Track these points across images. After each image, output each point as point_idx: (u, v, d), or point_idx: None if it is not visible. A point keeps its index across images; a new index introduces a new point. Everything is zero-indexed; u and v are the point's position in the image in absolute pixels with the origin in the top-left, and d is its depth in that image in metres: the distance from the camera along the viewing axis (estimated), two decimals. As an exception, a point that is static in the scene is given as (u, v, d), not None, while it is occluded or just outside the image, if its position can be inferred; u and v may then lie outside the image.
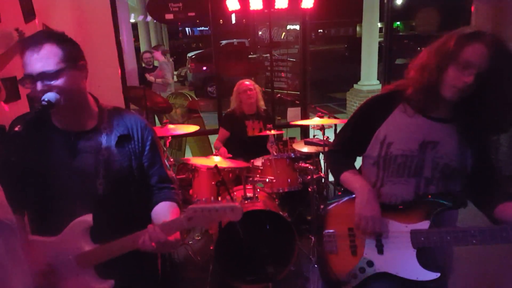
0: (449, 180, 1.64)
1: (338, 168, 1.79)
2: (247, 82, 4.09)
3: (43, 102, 1.41)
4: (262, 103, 4.18)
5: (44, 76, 1.41)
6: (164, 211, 1.60)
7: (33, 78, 1.40)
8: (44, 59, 1.40)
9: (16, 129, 1.31)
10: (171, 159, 3.61)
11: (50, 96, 1.43)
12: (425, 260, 1.59)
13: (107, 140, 1.57)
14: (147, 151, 1.64)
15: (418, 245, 1.59)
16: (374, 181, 1.72)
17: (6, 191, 1.14)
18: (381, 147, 1.68)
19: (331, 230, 1.73)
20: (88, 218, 1.50)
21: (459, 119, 1.60)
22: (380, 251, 1.64)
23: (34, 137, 1.51)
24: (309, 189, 3.42)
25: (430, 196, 1.63)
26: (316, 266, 3.09)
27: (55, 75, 1.41)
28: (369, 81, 8.80)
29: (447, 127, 1.62)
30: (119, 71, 4.29)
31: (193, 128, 3.62)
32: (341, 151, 1.81)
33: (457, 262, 1.79)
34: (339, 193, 1.79)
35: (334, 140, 1.89)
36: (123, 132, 1.60)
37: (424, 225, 1.60)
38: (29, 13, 3.04)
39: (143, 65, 7.03)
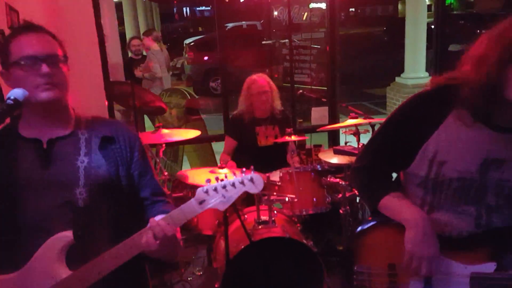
0: None
1: (374, 191, 1.75)
2: (261, 80, 4.08)
3: (8, 101, 1.44)
4: (278, 103, 4.18)
5: (51, 59, 1.53)
6: None
7: (36, 59, 1.51)
8: (47, 42, 1.55)
9: None
10: (165, 173, 3.62)
11: (17, 93, 1.46)
12: None
13: (87, 143, 1.62)
14: (136, 157, 1.68)
15: None
16: (420, 205, 1.71)
17: None
18: (430, 166, 1.65)
19: (364, 266, 1.72)
20: (67, 234, 1.51)
21: None
22: None
23: None
24: (340, 211, 3.39)
25: (496, 229, 1.61)
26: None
27: (62, 60, 1.56)
28: (416, 73, 8.76)
29: None
30: (100, 63, 4.31)
31: (192, 133, 3.63)
32: (373, 168, 1.77)
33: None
34: (369, 218, 1.77)
35: (361, 153, 1.84)
36: (106, 134, 1.66)
37: (489, 267, 1.58)
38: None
39: (130, 54, 7.10)
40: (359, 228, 1.77)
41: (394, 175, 1.84)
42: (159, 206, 1.70)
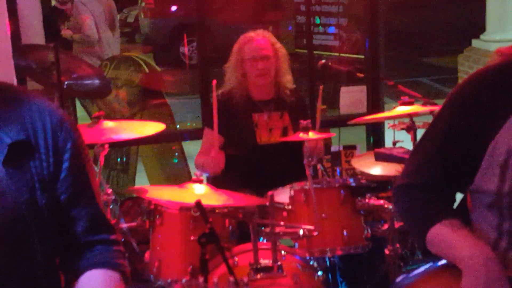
0: None
1: (421, 218, 1.87)
2: (260, 39, 4.10)
3: None
4: (288, 78, 4.21)
5: None
6: None
7: None
8: None
9: None
10: (109, 190, 3.62)
11: None
12: None
13: None
14: (65, 170, 1.68)
15: None
16: (494, 239, 1.78)
17: None
18: (503, 175, 1.73)
19: None
20: None
21: None
22: None
23: None
24: (386, 251, 3.40)
25: None
26: None
27: None
28: (504, 32, 8.81)
29: None
30: (6, 15, 4.30)
31: (151, 127, 3.64)
32: (424, 186, 1.88)
33: None
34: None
35: (407, 164, 1.98)
36: (16, 137, 1.63)
37: None
38: None
39: (54, 3, 7.10)
40: (400, 280, 1.88)
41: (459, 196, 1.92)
42: (100, 252, 1.71)
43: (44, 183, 1.64)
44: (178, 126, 5.89)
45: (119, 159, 5.49)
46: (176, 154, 5.59)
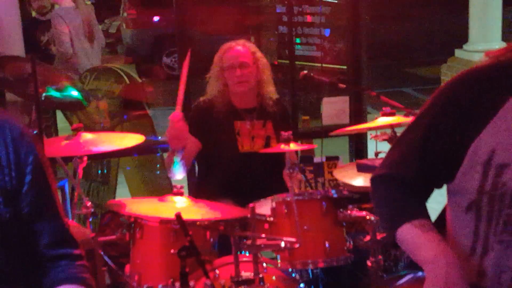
0: None
1: (393, 215, 1.91)
2: (240, 48, 4.13)
3: None
4: (271, 88, 4.22)
5: None
6: None
7: None
8: None
9: None
10: (88, 203, 3.62)
11: None
12: None
13: None
14: (27, 184, 1.67)
15: None
16: (471, 245, 1.80)
17: None
18: (485, 173, 1.74)
19: None
20: None
21: None
22: None
23: None
24: (368, 263, 3.39)
25: None
26: None
27: None
28: (486, 42, 8.84)
29: None
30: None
31: (132, 139, 3.63)
32: (400, 179, 1.91)
33: None
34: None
35: (387, 156, 2.03)
36: None
37: None
38: None
39: (34, 14, 7.08)
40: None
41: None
42: (64, 267, 1.71)
43: (8, 196, 1.63)
44: (160, 138, 5.86)
45: (99, 171, 5.46)
46: (158, 165, 5.58)
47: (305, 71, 5.03)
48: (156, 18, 13.24)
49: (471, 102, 1.75)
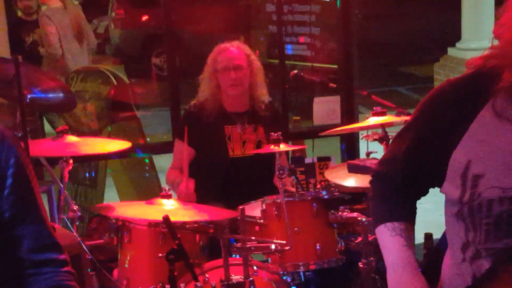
0: None
1: (375, 214, 1.98)
2: (234, 50, 4.13)
3: None
4: (263, 91, 4.23)
5: None
6: None
7: None
8: None
9: None
10: (75, 207, 3.60)
11: None
12: None
13: None
14: (8, 187, 1.67)
15: None
16: (462, 247, 1.81)
17: None
18: (463, 184, 1.75)
19: None
20: None
21: None
22: None
23: None
24: (360, 265, 3.40)
25: None
26: None
27: None
28: (479, 40, 8.88)
29: None
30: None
31: (119, 143, 3.62)
32: (391, 178, 1.94)
33: None
34: None
35: (386, 151, 2.08)
36: None
37: None
38: None
39: (20, 14, 7.06)
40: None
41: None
42: (48, 275, 1.69)
43: None
44: (148, 139, 5.85)
45: (87, 174, 5.44)
46: (147, 168, 5.56)
47: (296, 71, 5.04)
48: (145, 18, 13.21)
49: (448, 113, 1.78)
